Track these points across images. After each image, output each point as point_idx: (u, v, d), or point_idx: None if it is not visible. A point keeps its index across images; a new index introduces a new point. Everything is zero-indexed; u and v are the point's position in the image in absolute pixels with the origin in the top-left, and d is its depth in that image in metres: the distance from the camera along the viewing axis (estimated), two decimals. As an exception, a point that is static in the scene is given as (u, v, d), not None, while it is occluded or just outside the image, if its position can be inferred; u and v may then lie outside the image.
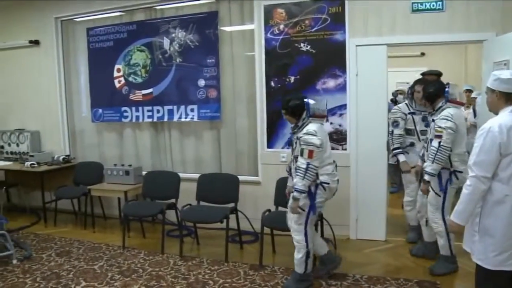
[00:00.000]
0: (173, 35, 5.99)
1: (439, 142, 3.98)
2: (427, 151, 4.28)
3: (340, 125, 5.24)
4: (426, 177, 4.11)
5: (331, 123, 5.24)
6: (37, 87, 7.21)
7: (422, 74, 5.48)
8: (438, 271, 4.25)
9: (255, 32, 5.57)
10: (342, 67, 5.15)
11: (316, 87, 5.25)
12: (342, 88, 5.19)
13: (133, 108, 6.37)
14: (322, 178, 3.87)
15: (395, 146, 4.95)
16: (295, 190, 3.77)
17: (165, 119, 6.18)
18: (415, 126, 4.95)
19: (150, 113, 6.24)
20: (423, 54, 8.65)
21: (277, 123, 5.45)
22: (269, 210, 4.82)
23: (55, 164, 6.75)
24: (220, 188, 5.29)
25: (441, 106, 4.20)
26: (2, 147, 7.41)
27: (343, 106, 5.20)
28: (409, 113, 4.94)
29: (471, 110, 6.66)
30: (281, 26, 5.37)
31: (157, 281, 4.35)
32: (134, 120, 6.42)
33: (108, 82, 6.54)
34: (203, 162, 6.16)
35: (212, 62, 5.76)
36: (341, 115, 5.23)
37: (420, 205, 4.59)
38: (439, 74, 5.36)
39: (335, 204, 5.03)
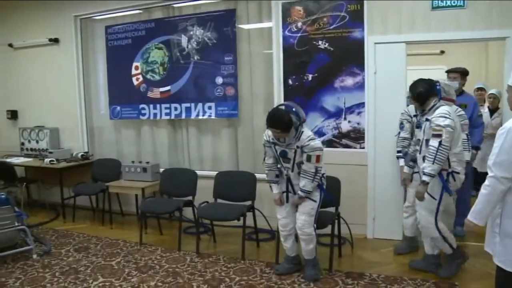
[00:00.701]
0: (191, 32, 6.00)
1: (439, 142, 3.79)
2: (420, 153, 4.15)
3: (358, 124, 5.20)
4: (426, 179, 3.89)
5: (349, 122, 5.21)
6: (57, 84, 7.29)
7: (447, 71, 5.39)
8: (445, 273, 4.14)
9: (273, 29, 5.55)
10: (360, 65, 5.11)
11: (334, 85, 5.22)
12: (360, 86, 5.15)
13: (151, 106, 6.40)
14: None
15: (397, 149, 4.72)
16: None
17: (183, 116, 6.20)
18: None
19: (167, 111, 6.26)
20: (442, 52, 8.53)
21: (294, 121, 5.43)
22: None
23: (73, 161, 6.82)
24: (237, 186, 5.28)
25: (434, 105, 4.02)
26: (23, 143, 7.51)
27: (361, 105, 5.15)
28: (414, 116, 4.54)
29: (486, 110, 6.55)
30: (299, 24, 5.34)
31: (173, 278, 4.37)
32: (151, 117, 6.45)
33: (126, 80, 6.58)
34: (220, 159, 6.17)
35: (230, 59, 5.75)
36: (359, 113, 5.18)
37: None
38: (464, 71, 5.25)
39: (352, 203, 5.01)
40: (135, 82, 6.52)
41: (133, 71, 6.53)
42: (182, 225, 5.27)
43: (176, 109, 6.22)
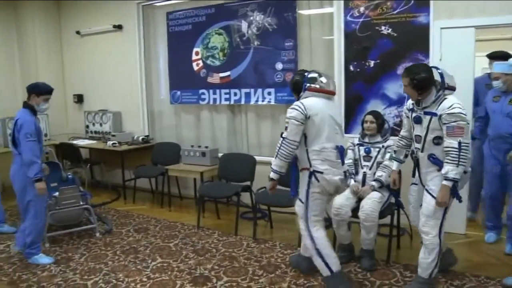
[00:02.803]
0: (251, 18, 5.98)
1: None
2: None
3: (421, 112, 5.03)
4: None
5: (411, 110, 5.05)
6: (119, 70, 7.48)
7: (489, 56, 5.11)
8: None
9: (335, 15, 5.43)
10: (425, 51, 4.91)
11: (397, 72, 5.06)
12: (424, 73, 4.97)
13: (211, 91, 6.45)
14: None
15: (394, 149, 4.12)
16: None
17: (242, 102, 6.22)
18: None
19: (227, 96, 6.29)
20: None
21: (355, 108, 5.32)
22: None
23: (134, 144, 6.99)
24: (295, 172, 5.25)
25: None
26: (87, 126, 7.77)
27: (425, 92, 4.98)
28: (410, 109, 3.71)
29: None
30: (361, 9, 5.21)
31: (230, 262, 4.42)
32: (211, 102, 6.51)
33: (186, 65, 6.65)
34: (278, 145, 6.14)
35: (290, 45, 5.70)
36: (422, 101, 5.01)
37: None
38: (507, 55, 4.86)
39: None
40: (195, 68, 6.59)
41: (194, 57, 6.59)
42: (239, 210, 5.30)
43: (235, 94, 6.24)
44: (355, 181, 4.35)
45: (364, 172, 4.34)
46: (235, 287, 3.88)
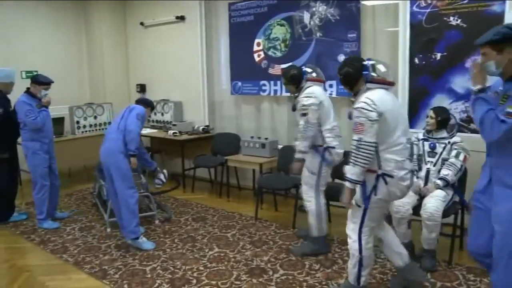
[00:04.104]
0: (314, 9, 5.89)
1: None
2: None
3: (492, 106, 4.79)
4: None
5: (480, 105, 4.83)
6: (181, 60, 7.59)
7: None
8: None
9: (400, 6, 5.25)
10: (497, 43, 4.68)
11: (466, 64, 4.84)
12: (496, 66, 4.73)
13: (272, 82, 6.42)
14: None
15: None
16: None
17: (303, 94, 6.14)
18: None
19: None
20: None
21: (419, 102, 5.14)
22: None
23: (195, 134, 7.07)
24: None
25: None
26: (149, 115, 7.92)
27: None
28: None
29: None
30: (429, -1, 5.03)
31: (286, 254, 4.41)
32: (272, 94, 6.48)
33: (247, 56, 6.65)
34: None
35: (353, 37, 5.57)
36: (493, 96, 4.78)
37: None
38: None
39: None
40: (257, 59, 6.58)
41: (255, 48, 6.58)
42: (298, 203, 5.25)
43: (296, 86, 6.17)
44: (417, 177, 4.22)
45: (428, 168, 4.20)
46: (291, 281, 3.86)
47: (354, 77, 3.24)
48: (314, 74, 4.43)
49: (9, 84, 5.34)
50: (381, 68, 3.23)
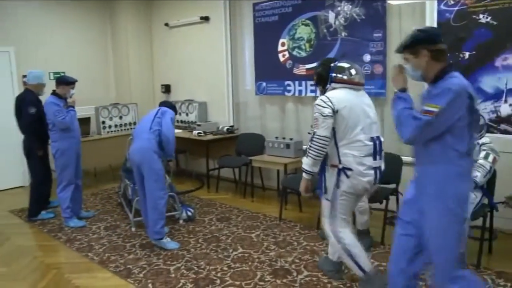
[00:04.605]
0: (339, 8, 5.84)
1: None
2: None
3: (524, 107, 4.67)
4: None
5: (510, 105, 4.70)
6: (206, 60, 7.62)
7: None
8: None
9: (427, 4, 5.17)
10: (530, 41, 4.57)
11: (495, 63, 4.74)
12: (528, 65, 4.60)
13: (296, 82, 6.39)
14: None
15: None
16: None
17: (327, 94, 6.09)
18: None
19: (313, 88, 6.17)
20: None
21: (446, 102, 5.05)
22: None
23: (219, 134, 7.09)
24: (380, 168, 5.08)
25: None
26: (174, 115, 7.99)
27: (528, 86, 4.62)
28: None
29: None
30: (458, -3, 4.94)
31: (311, 256, 4.37)
32: (296, 94, 6.45)
33: (272, 56, 6.63)
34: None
35: (379, 36, 5.51)
36: (525, 95, 4.66)
37: None
38: None
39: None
40: (281, 59, 6.55)
41: (280, 48, 6.56)
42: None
43: (321, 86, 6.13)
44: None
45: None
46: (315, 282, 3.82)
47: (324, 77, 3.58)
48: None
49: (39, 85, 5.53)
50: (351, 70, 3.56)
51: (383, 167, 3.54)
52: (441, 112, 2.40)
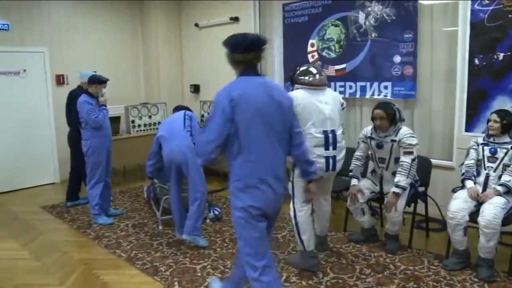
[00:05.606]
0: (369, 9, 5.79)
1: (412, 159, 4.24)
2: (386, 170, 4.54)
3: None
4: (399, 191, 4.20)
5: (545, 107, 4.58)
6: (235, 61, 7.61)
7: None
8: None
9: (460, 4, 5.07)
10: None
11: (532, 65, 4.63)
12: None
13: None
14: None
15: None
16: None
17: (357, 95, 6.06)
18: None
19: (342, 89, 6.15)
20: None
21: (480, 104, 4.92)
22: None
23: (248, 135, 7.06)
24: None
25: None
26: (203, 115, 8.02)
27: None
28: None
29: None
30: (492, -4, 4.82)
31: (337, 257, 4.35)
32: (325, 95, 6.40)
33: (301, 57, 6.58)
34: (393, 142, 5.91)
35: (410, 37, 5.43)
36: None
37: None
38: None
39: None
40: (311, 60, 6.52)
41: (309, 48, 6.54)
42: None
43: (350, 87, 6.10)
44: (475, 183, 4.06)
45: (487, 173, 4.03)
46: (341, 284, 3.80)
47: (293, 80, 4.17)
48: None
49: (86, 83, 5.62)
50: (312, 74, 4.07)
51: (339, 157, 4.04)
52: None
